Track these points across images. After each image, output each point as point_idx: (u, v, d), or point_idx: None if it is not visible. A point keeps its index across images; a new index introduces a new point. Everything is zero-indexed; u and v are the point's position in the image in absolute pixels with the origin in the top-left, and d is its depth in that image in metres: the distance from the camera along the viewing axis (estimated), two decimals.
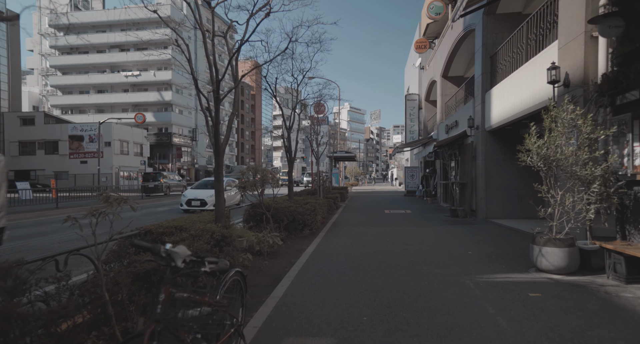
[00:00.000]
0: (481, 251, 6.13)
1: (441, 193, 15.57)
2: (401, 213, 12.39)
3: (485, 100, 9.76)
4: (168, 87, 46.64)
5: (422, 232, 8.30)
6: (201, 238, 3.85)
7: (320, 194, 13.12)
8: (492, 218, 9.77)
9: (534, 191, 4.92)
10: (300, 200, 9.41)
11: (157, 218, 10.27)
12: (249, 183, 7.04)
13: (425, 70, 19.44)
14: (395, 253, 6.11)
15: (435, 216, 11.48)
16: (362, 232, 8.40)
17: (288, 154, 8.97)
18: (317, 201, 9.19)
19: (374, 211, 13.08)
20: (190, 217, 4.93)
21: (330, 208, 12.26)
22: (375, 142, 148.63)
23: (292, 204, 8.39)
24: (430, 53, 20.09)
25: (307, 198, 9.90)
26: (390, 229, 8.84)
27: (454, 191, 11.93)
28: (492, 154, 9.81)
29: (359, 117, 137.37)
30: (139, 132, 40.00)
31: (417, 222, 10.05)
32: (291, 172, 9.09)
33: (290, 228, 7.81)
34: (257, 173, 7.34)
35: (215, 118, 4.89)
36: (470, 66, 14.49)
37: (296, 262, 5.64)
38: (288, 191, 9.08)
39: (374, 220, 10.71)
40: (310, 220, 7.94)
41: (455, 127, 12.40)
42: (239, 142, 69.83)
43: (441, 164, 15.58)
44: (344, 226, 9.31)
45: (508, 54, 8.59)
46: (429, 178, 17.93)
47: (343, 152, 23.62)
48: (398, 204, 16.15)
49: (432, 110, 20.02)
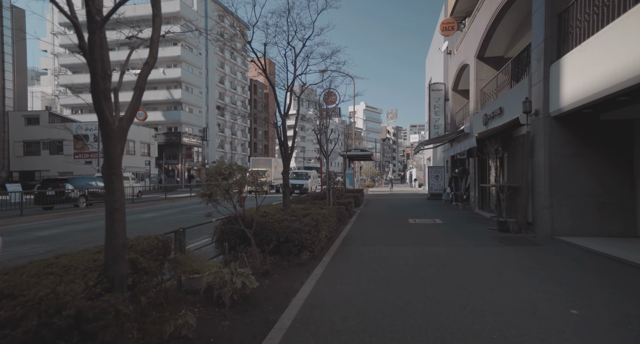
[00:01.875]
0: (599, 314, 3.53)
1: (476, 197, 12.98)
2: (430, 224, 9.92)
3: (551, 74, 7.21)
4: (177, 85, 45.34)
5: (470, 259, 5.85)
6: None
7: (329, 200, 10.79)
8: (560, 235, 7.21)
9: (622, 199, 2.45)
10: (299, 209, 7.13)
11: None
12: (218, 190, 4.79)
13: (453, 55, 16.83)
14: (442, 309, 3.71)
15: (475, 228, 8.97)
16: (383, 256, 6.03)
17: (282, 148, 6.69)
18: (322, 212, 6.88)
19: (396, 221, 10.66)
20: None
21: (341, 216, 9.93)
22: (392, 141, 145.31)
23: (286, 216, 6.11)
24: (458, 36, 17.48)
25: (309, 207, 7.59)
26: (421, 251, 6.42)
27: (497, 196, 9.38)
28: (560, 148, 7.25)
29: (375, 116, 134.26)
30: (146, 131, 38.68)
31: (455, 239, 7.59)
32: (287, 171, 6.81)
33: (283, 250, 5.53)
34: (232, 174, 5.09)
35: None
36: (515, 42, 11.87)
37: (276, 323, 3.35)
38: (283, 197, 6.80)
39: (397, 234, 8.30)
40: (311, 239, 5.64)
41: (499, 115, 9.84)
42: (252, 142, 68.25)
43: (475, 163, 12.99)
44: (358, 246, 6.96)
45: (593, 4, 6.03)
46: (459, 179, 15.33)
47: (358, 150, 21.20)
48: (423, 210, 13.64)
49: (462, 100, 17.38)
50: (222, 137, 58.09)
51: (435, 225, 9.70)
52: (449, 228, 9.19)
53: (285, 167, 6.79)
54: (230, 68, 61.54)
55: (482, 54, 12.57)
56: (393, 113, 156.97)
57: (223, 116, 58.62)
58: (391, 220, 10.85)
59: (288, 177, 6.83)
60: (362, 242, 7.31)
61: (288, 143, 6.90)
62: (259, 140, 71.90)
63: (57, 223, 11.23)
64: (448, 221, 10.52)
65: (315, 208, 7.65)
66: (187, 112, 46.16)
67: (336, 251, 6.43)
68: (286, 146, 6.76)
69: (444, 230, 8.90)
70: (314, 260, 5.82)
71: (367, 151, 20.40)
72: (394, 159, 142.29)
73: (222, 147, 57.78)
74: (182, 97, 44.45)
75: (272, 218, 5.98)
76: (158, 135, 42.20)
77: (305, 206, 7.74)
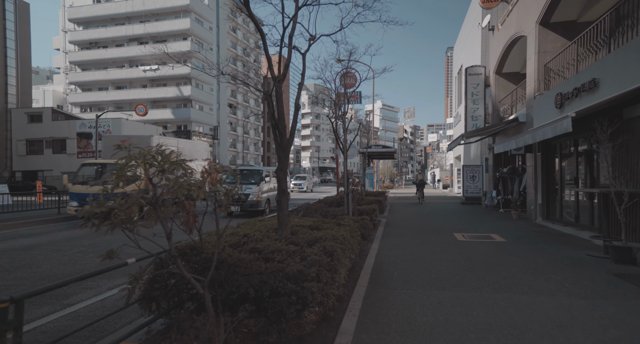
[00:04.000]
0: None
1: (538, 203, 10.07)
2: (488, 243, 7.16)
3: None
4: (187, 81, 43.59)
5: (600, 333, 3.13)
6: None
7: (348, 207, 8.16)
8: None
9: None
10: (304, 227, 4.54)
11: None
12: (128, 204, 2.25)
13: (497, 31, 13.92)
14: None
15: (564, 254, 6.17)
16: (448, 320, 3.37)
17: (277, 131, 4.12)
18: (340, 232, 4.28)
19: (437, 236, 7.93)
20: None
21: (365, 229, 7.27)
22: (410, 141, 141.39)
23: (281, 244, 3.56)
24: (502, 9, 14.57)
25: (320, 223, 4.99)
26: (508, 312, 3.72)
27: (602, 205, 6.54)
28: None
29: (392, 115, 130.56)
30: (153, 129, 36.91)
31: (546, 275, 4.84)
32: (285, 167, 4.20)
33: (269, 310, 2.94)
34: (166, 171, 2.53)
35: None
36: (595, 1, 8.95)
37: None
38: (278, 211, 4.19)
39: (447, 262, 5.60)
40: (321, 289, 3.02)
41: (588, 91, 6.98)
42: (265, 141, 66.20)
43: (536, 159, 10.10)
44: (399, 289, 4.31)
45: None
46: (508, 180, 12.41)
47: (379, 146, 18.46)
48: (465, 220, 10.83)
49: (507, 86, 14.44)
50: (234, 136, 56.21)
51: (496, 246, 6.93)
52: (521, 251, 6.41)
53: (282, 159, 4.20)
54: (243, 65, 59.62)
55: (547, 19, 9.69)
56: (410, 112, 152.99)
57: (235, 114, 56.74)
58: (430, 235, 8.12)
59: (285, 177, 4.25)
60: (403, 280, 4.65)
61: (287, 125, 4.34)
62: (272, 139, 69.84)
63: None
64: (511, 238, 7.71)
65: (328, 224, 5.03)
66: (197, 109, 44.37)
67: (364, 305, 3.80)
68: (283, 127, 4.18)
69: (516, 254, 6.14)
70: (325, 327, 3.22)
71: (390, 148, 17.68)
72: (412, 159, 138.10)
73: (234, 146, 55.91)
74: (192, 94, 42.64)
75: (255, 249, 3.43)
76: (167, 134, 40.49)
77: (314, 222, 5.12)
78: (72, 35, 43.76)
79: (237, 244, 3.61)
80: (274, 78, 4.12)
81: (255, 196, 11.47)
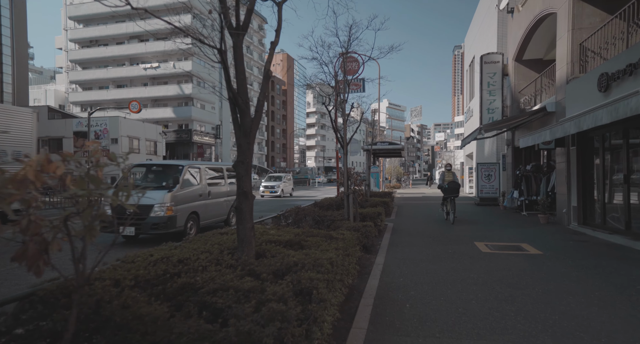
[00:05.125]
0: None
1: (572, 206, 8.62)
2: (520, 257, 5.77)
3: None
4: (188, 79, 42.55)
5: None
6: None
7: (348, 213, 6.84)
8: None
9: None
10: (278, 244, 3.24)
11: None
12: None
13: (518, 13, 12.45)
14: None
15: (636, 275, 4.77)
16: None
17: (236, 108, 2.83)
18: (327, 254, 2.95)
19: (456, 246, 6.55)
20: None
21: (368, 239, 5.94)
22: (417, 140, 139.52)
23: (232, 277, 2.25)
24: None
25: (306, 236, 3.66)
26: None
27: None
28: None
29: (399, 114, 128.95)
30: (153, 128, 35.96)
31: (637, 318, 3.47)
32: (247, 160, 2.88)
33: None
34: None
35: None
36: None
37: None
38: (237, 222, 2.88)
39: (484, 294, 4.24)
40: None
41: None
42: (269, 140, 65.10)
43: (569, 155, 8.66)
44: (414, 339, 2.97)
45: None
46: (532, 179, 10.95)
47: (386, 142, 17.08)
48: (486, 225, 9.42)
49: (529, 74, 12.97)
50: None
51: (533, 261, 5.53)
52: (569, 269, 5.01)
53: (243, 148, 2.87)
54: (246, 63, 58.33)
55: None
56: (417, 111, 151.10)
57: None
58: (446, 245, 6.75)
59: (248, 175, 2.94)
60: (418, 318, 3.30)
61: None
62: (276, 139, 68.70)
63: None
64: (548, 249, 6.30)
65: (315, 238, 3.71)
66: (198, 107, 43.39)
67: None
68: (244, 102, 2.86)
69: (563, 274, 4.74)
70: None
71: (397, 144, 16.29)
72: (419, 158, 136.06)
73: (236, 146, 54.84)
74: (193, 92, 41.64)
75: (187, 287, 2.13)
76: (168, 133, 39.52)
77: (297, 235, 3.79)
78: (73, 33, 43.09)
79: (157, 279, 2.30)
80: (230, 28, 2.81)
81: (162, 209, 6.74)
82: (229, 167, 9.55)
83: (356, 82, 10.67)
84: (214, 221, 8.64)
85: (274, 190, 22.59)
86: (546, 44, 12.00)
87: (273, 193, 22.56)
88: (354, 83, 10.17)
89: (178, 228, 7.07)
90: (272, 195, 22.57)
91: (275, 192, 22.56)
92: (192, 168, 8.04)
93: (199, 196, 7.85)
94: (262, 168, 53.47)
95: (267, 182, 23.46)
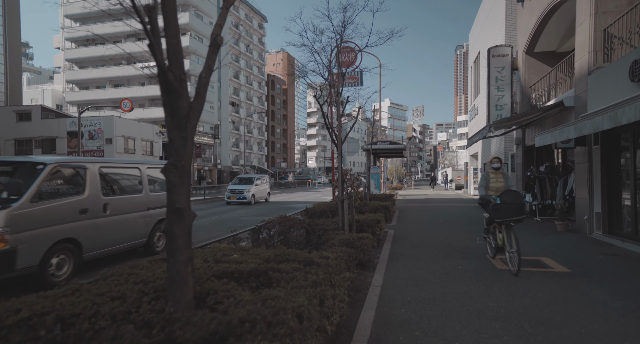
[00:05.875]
0: None
1: (594, 213, 7.69)
2: (550, 279, 4.86)
3: None
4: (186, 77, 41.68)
5: None
6: None
7: (342, 221, 5.96)
8: None
9: None
10: (235, 273, 2.36)
11: None
12: None
13: (529, 1, 11.52)
14: None
15: None
16: None
17: (166, 87, 1.98)
18: (298, 297, 2.08)
19: (467, 262, 5.64)
20: None
21: (364, 254, 5.05)
22: (419, 140, 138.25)
23: None
24: None
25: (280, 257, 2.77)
26: None
27: None
28: None
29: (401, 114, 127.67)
30: (149, 128, 35.27)
31: None
32: (184, 163, 2.05)
33: None
34: None
35: None
36: None
37: None
38: (167, 253, 2.01)
39: (513, 337, 3.35)
40: None
41: None
42: (269, 140, 64.23)
43: (591, 154, 7.73)
44: None
45: None
46: (546, 181, 10.02)
47: (387, 142, 16.19)
48: None
49: (541, 68, 12.03)
50: (236, 136, 54.29)
51: (562, 283, 4.62)
52: (613, 298, 4.09)
53: (177, 145, 2.05)
54: (245, 62, 57.77)
55: None
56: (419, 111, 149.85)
57: (238, 113, 54.82)
58: (456, 259, 5.85)
59: (186, 183, 2.08)
60: None
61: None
62: (277, 139, 67.83)
63: None
64: (575, 266, 5.39)
65: (292, 266, 2.82)
66: None
67: None
68: (179, 80, 2.00)
69: (606, 304, 3.83)
70: None
71: (399, 143, 15.40)
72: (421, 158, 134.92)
73: (236, 146, 54.00)
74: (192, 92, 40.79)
75: None
76: (164, 133, 38.73)
77: (263, 262, 2.88)
78: (69, 31, 42.39)
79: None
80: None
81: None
82: (152, 166, 6.76)
83: (353, 75, 9.77)
84: (116, 249, 5.75)
85: (242, 196, 18.05)
86: (560, 34, 11.07)
87: (241, 200, 18.07)
88: (351, 76, 9.29)
89: (21, 270, 4.27)
90: (240, 201, 18.07)
91: (244, 198, 18.01)
92: (66, 168, 5.10)
93: (79, 213, 5.08)
94: (261, 169, 52.64)
95: (234, 186, 18.89)
